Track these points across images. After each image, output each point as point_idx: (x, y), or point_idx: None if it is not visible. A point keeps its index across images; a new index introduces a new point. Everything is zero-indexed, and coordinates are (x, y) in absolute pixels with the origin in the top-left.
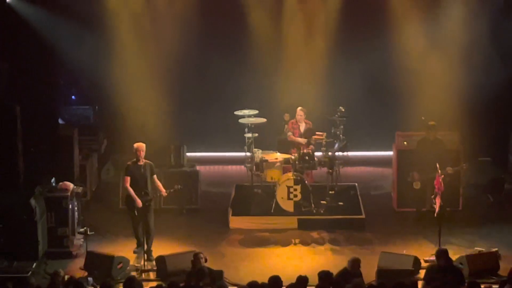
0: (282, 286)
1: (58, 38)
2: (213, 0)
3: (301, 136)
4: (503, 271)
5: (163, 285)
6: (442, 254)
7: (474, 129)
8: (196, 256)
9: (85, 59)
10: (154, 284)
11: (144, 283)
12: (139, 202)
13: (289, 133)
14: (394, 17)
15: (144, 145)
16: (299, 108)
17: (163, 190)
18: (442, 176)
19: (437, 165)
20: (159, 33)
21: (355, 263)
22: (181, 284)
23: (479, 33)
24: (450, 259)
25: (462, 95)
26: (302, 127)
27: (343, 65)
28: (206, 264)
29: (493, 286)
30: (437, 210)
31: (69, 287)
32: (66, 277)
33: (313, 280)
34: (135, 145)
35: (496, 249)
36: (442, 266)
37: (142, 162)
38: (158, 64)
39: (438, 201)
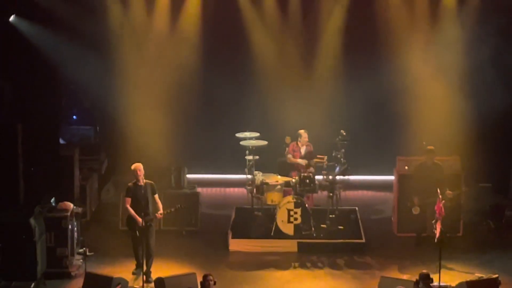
0: None
1: (61, 58)
2: (216, 23)
3: (301, 158)
4: None
5: None
6: (423, 278)
7: (475, 154)
8: (205, 278)
9: (88, 80)
10: None
11: None
12: (140, 220)
13: (289, 155)
14: (396, 41)
15: (141, 165)
16: (303, 130)
17: (161, 210)
18: (443, 201)
19: (438, 190)
20: (161, 54)
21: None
22: None
23: (481, 58)
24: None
25: (464, 120)
26: (303, 150)
27: (345, 88)
28: (214, 287)
29: None
30: (437, 235)
31: None
32: None
33: None
34: (133, 166)
35: (497, 275)
36: None
37: (142, 182)
38: (161, 85)
39: (438, 226)
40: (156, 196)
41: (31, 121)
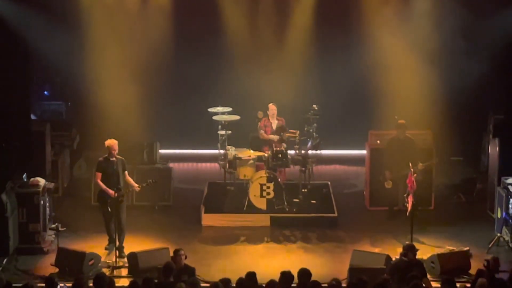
0: (257, 282)
1: (32, 34)
2: None
3: (273, 133)
4: (474, 270)
5: (138, 282)
6: (410, 249)
7: (447, 128)
8: (176, 252)
9: (59, 55)
10: (126, 280)
11: (116, 280)
12: (111, 193)
13: (261, 131)
14: (368, 16)
15: (116, 142)
16: (271, 104)
17: (135, 185)
18: (415, 175)
19: (410, 164)
20: (133, 29)
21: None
22: (156, 281)
23: (452, 31)
24: (415, 254)
25: (436, 94)
26: (274, 124)
27: (317, 63)
28: (186, 261)
29: (467, 284)
30: (409, 209)
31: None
32: None
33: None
34: (107, 142)
35: (468, 248)
36: (408, 260)
37: (114, 157)
38: (132, 60)
39: (410, 199)
40: (126, 172)
41: (1, 97)
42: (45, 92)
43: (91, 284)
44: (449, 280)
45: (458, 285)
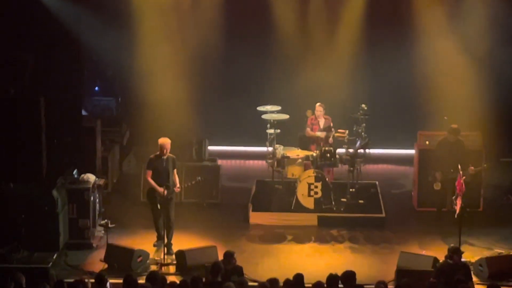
0: (303, 284)
1: (83, 29)
2: None
3: (321, 132)
4: None
5: (188, 281)
6: (455, 251)
7: (496, 129)
8: (231, 256)
9: (110, 51)
10: (173, 278)
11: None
12: (161, 190)
13: (307, 129)
14: (419, 15)
15: (169, 141)
16: (318, 103)
17: (178, 185)
18: (464, 177)
19: (459, 166)
20: (184, 26)
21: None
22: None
23: (505, 33)
24: (461, 256)
25: (485, 95)
26: (322, 123)
27: (366, 62)
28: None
29: None
30: (457, 211)
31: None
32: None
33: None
34: (160, 140)
35: None
36: (453, 263)
37: (165, 155)
38: (183, 57)
39: (459, 202)
40: (175, 170)
41: (53, 93)
42: (96, 88)
43: (140, 281)
44: (494, 285)
45: None
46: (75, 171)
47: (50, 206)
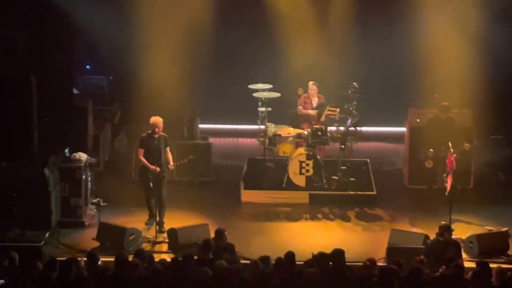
0: (295, 261)
1: (74, 7)
2: None
3: (313, 110)
4: None
5: (179, 259)
6: (446, 229)
7: (487, 107)
8: (222, 233)
9: (100, 29)
10: (166, 255)
11: (155, 255)
12: (153, 168)
13: (300, 107)
14: None
15: (161, 120)
16: (311, 82)
17: (171, 163)
18: (455, 154)
19: (450, 144)
20: (175, 3)
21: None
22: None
23: (497, 10)
24: (451, 234)
25: (476, 72)
26: (315, 101)
27: (358, 40)
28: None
29: (503, 265)
30: (448, 188)
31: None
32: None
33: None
34: (152, 119)
35: (506, 228)
36: (443, 240)
37: (157, 134)
38: (174, 35)
39: (449, 179)
40: (168, 149)
41: (44, 72)
42: (87, 66)
43: (131, 259)
44: (483, 262)
45: (495, 265)
46: (66, 150)
47: (42, 184)
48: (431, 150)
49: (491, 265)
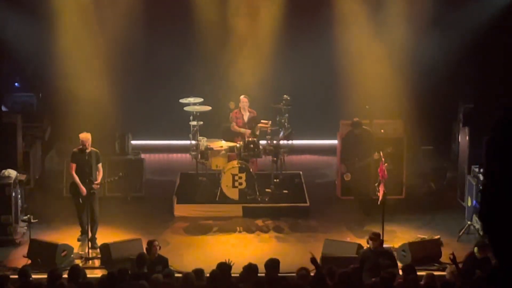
0: (230, 272)
1: (2, 25)
2: None
3: (245, 125)
4: (445, 258)
5: (115, 273)
6: (375, 237)
7: (417, 117)
8: (151, 243)
9: (29, 47)
10: (99, 271)
11: (88, 271)
12: (83, 190)
13: (233, 123)
14: (338, 6)
15: (89, 135)
16: (242, 96)
17: (98, 180)
18: (386, 164)
19: (381, 153)
20: (103, 20)
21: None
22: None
23: (423, 22)
24: (382, 242)
25: (406, 84)
26: (246, 116)
27: (288, 53)
28: (159, 252)
29: (435, 272)
30: (380, 198)
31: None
32: None
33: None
34: (81, 136)
35: (438, 236)
36: (375, 249)
37: (88, 149)
38: (103, 51)
39: (381, 188)
40: (100, 165)
41: None
42: (16, 84)
43: (64, 276)
44: (409, 267)
45: (424, 273)
46: None
47: None
48: (343, 165)
49: (423, 272)
